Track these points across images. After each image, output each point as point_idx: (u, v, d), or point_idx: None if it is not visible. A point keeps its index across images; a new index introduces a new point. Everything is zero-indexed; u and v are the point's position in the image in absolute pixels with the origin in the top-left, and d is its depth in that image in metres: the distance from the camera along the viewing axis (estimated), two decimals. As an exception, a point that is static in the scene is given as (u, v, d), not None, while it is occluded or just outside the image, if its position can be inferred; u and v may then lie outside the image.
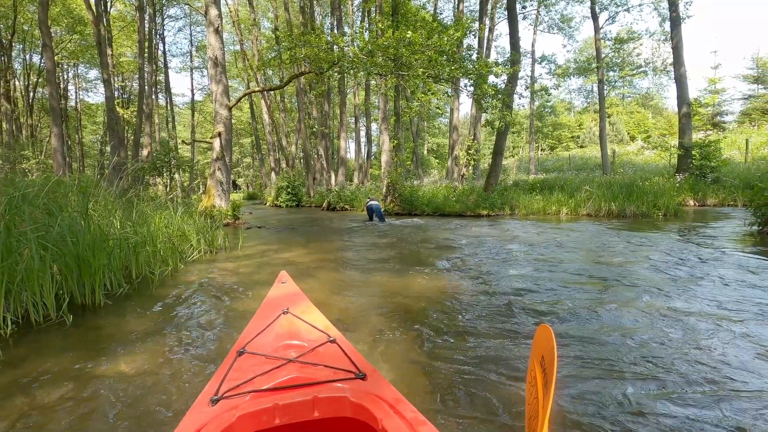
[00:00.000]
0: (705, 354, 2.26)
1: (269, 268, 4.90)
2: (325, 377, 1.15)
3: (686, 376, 2.01)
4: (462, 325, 2.81)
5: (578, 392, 1.89)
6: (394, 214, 12.99)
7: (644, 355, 2.26)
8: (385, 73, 8.89)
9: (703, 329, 2.62)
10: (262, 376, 1.15)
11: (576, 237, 7.03)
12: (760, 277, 3.91)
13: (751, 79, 33.51)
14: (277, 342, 1.37)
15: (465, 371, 2.14)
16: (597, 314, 2.96)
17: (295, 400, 1.06)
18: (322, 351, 1.32)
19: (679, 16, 15.05)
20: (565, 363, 2.19)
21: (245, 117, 38.00)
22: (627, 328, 2.69)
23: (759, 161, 16.21)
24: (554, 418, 1.69)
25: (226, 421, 0.97)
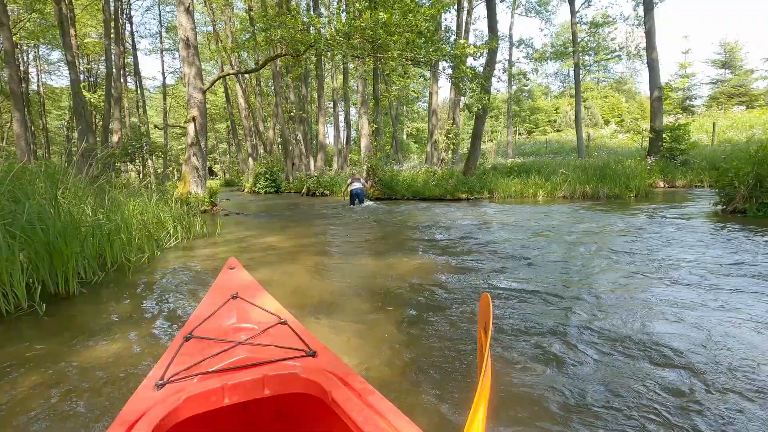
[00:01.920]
0: (655, 309, 2.40)
1: (249, 254, 4.87)
2: (276, 356, 1.16)
3: (647, 327, 2.14)
4: (439, 305, 2.88)
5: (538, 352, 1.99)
6: (374, 199, 13.00)
7: (614, 307, 2.38)
8: (363, 55, 8.77)
9: (665, 292, 2.77)
10: (210, 359, 1.14)
11: (552, 218, 7.21)
12: (720, 251, 4.12)
13: (719, 64, 34.57)
14: (227, 326, 1.37)
15: (440, 348, 2.20)
16: (571, 284, 3.08)
17: (245, 379, 1.06)
18: (273, 332, 1.32)
19: (651, 1, 15.30)
20: (536, 328, 2.28)
21: (220, 101, 36.94)
22: (601, 292, 2.81)
23: (725, 144, 16.85)
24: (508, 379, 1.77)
25: (172, 404, 0.95)
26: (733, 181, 6.90)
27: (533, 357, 2.05)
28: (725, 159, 9.03)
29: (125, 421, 0.91)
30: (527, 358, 2.04)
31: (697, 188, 12.41)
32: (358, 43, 8.27)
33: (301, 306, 2.93)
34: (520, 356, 2.07)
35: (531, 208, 9.08)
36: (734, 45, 33.73)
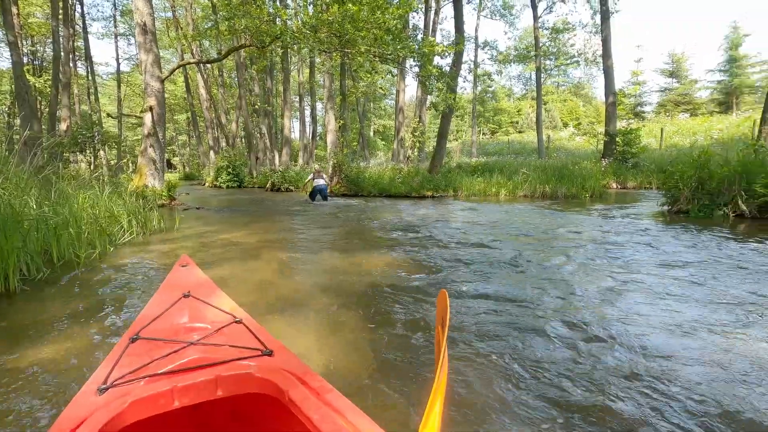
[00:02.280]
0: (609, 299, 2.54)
1: (209, 250, 4.71)
2: (230, 356, 1.12)
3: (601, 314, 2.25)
4: (403, 302, 2.90)
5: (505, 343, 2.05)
6: (340, 195, 12.92)
7: (567, 296, 2.49)
8: (330, 50, 8.67)
9: (613, 284, 2.93)
10: (159, 361, 1.09)
11: (514, 216, 7.44)
12: (665, 247, 4.40)
13: (667, 74, 36.80)
14: (177, 326, 1.31)
15: (403, 345, 2.23)
16: (529, 280, 3.19)
17: (197, 380, 1.02)
18: (228, 332, 1.28)
19: (608, 10, 16.07)
20: (494, 321, 2.35)
21: (180, 91, 35.39)
22: (556, 287, 2.93)
23: (671, 148, 17.99)
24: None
25: (115, 409, 0.90)
26: (677, 184, 7.38)
27: (488, 352, 2.11)
28: (671, 163, 9.63)
29: (63, 429, 0.84)
30: (482, 353, 2.09)
31: (646, 190, 13.18)
32: (326, 37, 8.16)
33: (263, 304, 2.87)
34: (476, 351, 2.12)
35: (494, 206, 9.33)
36: (681, 56, 36.01)
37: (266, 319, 2.55)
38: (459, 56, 12.90)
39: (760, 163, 6.74)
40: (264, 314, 2.64)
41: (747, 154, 7.25)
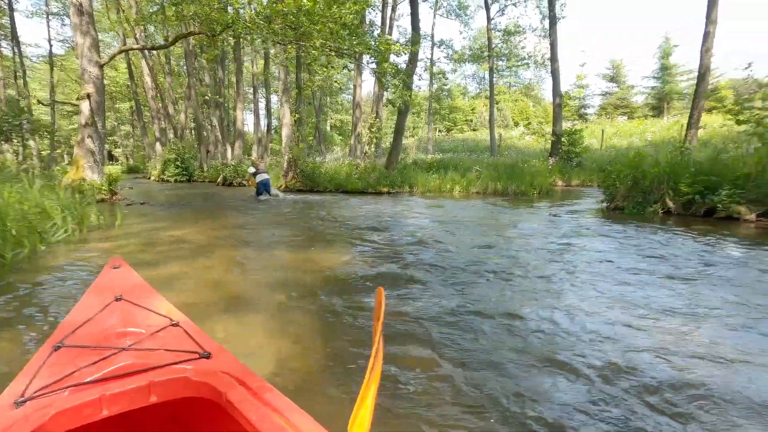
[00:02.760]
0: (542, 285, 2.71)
1: (155, 248, 4.49)
2: (165, 361, 1.08)
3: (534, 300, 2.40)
4: (355, 300, 2.93)
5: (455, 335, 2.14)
6: (295, 191, 12.71)
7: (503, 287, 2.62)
8: (285, 42, 8.46)
9: (550, 272, 3.12)
10: (85, 369, 1.03)
11: (466, 212, 7.67)
12: (600, 240, 4.73)
13: (608, 78, 39.23)
14: (108, 332, 1.24)
15: (354, 343, 2.25)
16: (476, 270, 3.32)
17: (127, 387, 0.98)
18: (163, 335, 1.24)
19: (555, 16, 16.84)
20: (445, 314, 2.44)
21: (122, 78, 33.07)
22: (503, 277, 3.07)
23: (610, 149, 19.23)
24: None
25: (35, 422, 0.84)
26: (615, 183, 7.92)
27: (426, 344, 2.18)
28: (610, 163, 10.31)
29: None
30: (421, 345, 2.16)
31: (588, 187, 14.01)
32: (280, 28, 7.95)
33: (211, 303, 2.79)
34: (415, 343, 2.19)
35: (448, 203, 9.56)
36: (620, 63, 38.50)
37: (214, 320, 2.48)
38: (415, 54, 13.04)
39: (685, 165, 7.38)
40: (212, 314, 2.56)
41: (674, 156, 7.92)
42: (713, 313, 2.55)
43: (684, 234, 5.16)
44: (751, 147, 6.92)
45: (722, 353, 2.03)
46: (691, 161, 7.56)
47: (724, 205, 6.22)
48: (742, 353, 2.04)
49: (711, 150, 7.94)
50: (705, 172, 6.86)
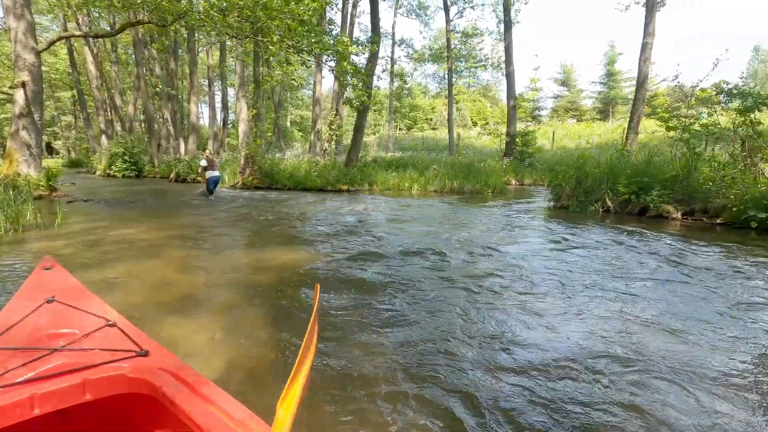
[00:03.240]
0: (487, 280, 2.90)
1: (99, 248, 4.30)
2: (100, 360, 1.09)
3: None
4: (309, 298, 2.98)
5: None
6: (253, 188, 12.46)
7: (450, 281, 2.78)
8: (241, 36, 8.27)
9: (497, 263, 3.33)
10: (15, 370, 1.03)
11: (422, 211, 7.87)
12: (544, 233, 5.04)
13: (559, 82, 41.17)
14: (39, 333, 1.23)
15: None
16: (429, 266, 3.46)
17: (60, 386, 0.99)
18: (99, 336, 1.24)
19: (510, 21, 17.47)
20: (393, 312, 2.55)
21: (63, 65, 30.80)
22: (448, 270, 3.23)
23: (560, 150, 20.26)
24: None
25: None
26: (561, 183, 8.40)
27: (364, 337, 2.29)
28: (558, 163, 10.90)
29: None
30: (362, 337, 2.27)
31: (539, 186, 14.70)
32: (236, 22, 7.77)
33: (159, 304, 2.74)
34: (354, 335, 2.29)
35: (406, 201, 9.74)
36: (570, 68, 40.49)
37: (159, 321, 2.46)
38: (374, 54, 13.11)
39: (623, 167, 7.96)
40: (157, 315, 2.53)
41: (614, 158, 8.51)
42: (624, 295, 2.84)
43: (615, 230, 5.59)
44: (678, 152, 7.56)
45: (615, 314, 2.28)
46: (628, 164, 8.16)
47: (655, 205, 6.78)
48: (634, 316, 2.29)
49: (646, 153, 8.59)
50: (639, 173, 7.43)
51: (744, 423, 1.57)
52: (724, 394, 1.76)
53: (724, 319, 2.55)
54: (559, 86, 41.34)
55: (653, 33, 12.75)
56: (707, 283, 3.26)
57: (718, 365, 2.00)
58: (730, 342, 2.25)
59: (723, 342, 2.25)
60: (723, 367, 1.98)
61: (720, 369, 1.96)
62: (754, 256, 4.12)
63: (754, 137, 6.26)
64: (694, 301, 2.87)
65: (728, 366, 1.99)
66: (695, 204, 6.55)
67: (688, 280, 3.35)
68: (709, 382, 1.85)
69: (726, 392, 1.77)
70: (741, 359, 2.06)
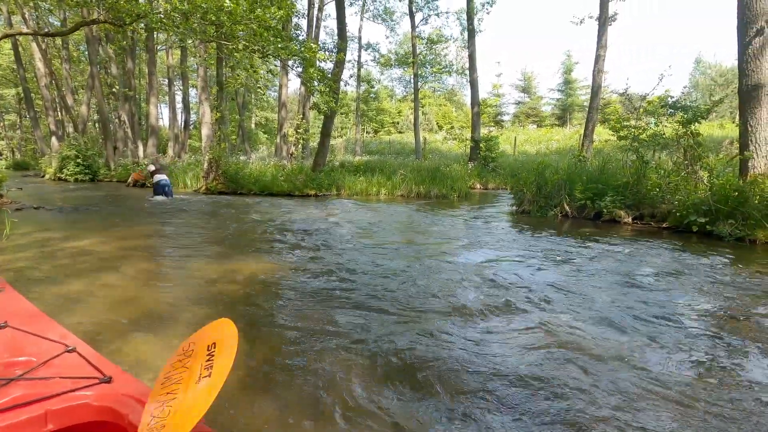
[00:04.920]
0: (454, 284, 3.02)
1: (54, 261, 4.11)
2: (62, 389, 1.05)
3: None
4: (280, 311, 3.00)
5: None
6: (217, 193, 12.16)
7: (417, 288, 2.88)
8: (205, 39, 8.09)
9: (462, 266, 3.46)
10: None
11: (389, 217, 7.98)
12: (506, 237, 5.27)
13: (520, 89, 42.69)
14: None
15: (277, 357, 2.34)
16: (403, 275, 3.55)
17: (20, 418, 0.94)
18: (58, 363, 1.18)
19: (474, 29, 17.98)
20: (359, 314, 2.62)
21: (6, 60, 28.86)
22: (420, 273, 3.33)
23: (522, 155, 21.01)
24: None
25: None
26: (522, 188, 8.75)
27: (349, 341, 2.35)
28: (519, 169, 11.32)
29: None
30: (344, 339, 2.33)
31: (502, 191, 15.19)
32: (198, 26, 7.59)
33: (119, 324, 2.66)
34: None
35: (373, 206, 9.82)
36: (531, 75, 42.07)
37: (122, 341, 2.40)
38: (341, 61, 13.14)
39: (580, 173, 8.40)
40: (120, 335, 2.47)
41: (571, 164, 8.95)
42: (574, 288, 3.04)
43: (572, 235, 5.91)
44: (629, 159, 8.07)
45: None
46: (584, 170, 8.61)
47: (608, 210, 7.21)
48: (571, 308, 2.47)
49: (599, 161, 9.10)
50: (594, 180, 7.87)
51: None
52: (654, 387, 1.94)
53: (658, 317, 2.78)
54: (520, 93, 42.88)
55: (605, 45, 13.50)
56: (649, 282, 3.53)
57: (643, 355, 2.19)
58: (659, 335, 2.47)
59: (655, 334, 2.46)
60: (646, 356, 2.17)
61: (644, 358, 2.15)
62: (694, 258, 4.49)
63: (694, 147, 6.78)
64: (638, 301, 3.11)
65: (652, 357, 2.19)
66: (644, 209, 7.02)
67: (639, 281, 3.61)
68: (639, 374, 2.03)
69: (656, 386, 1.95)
70: (661, 350, 2.27)
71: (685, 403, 1.83)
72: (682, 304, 3.14)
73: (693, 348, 2.39)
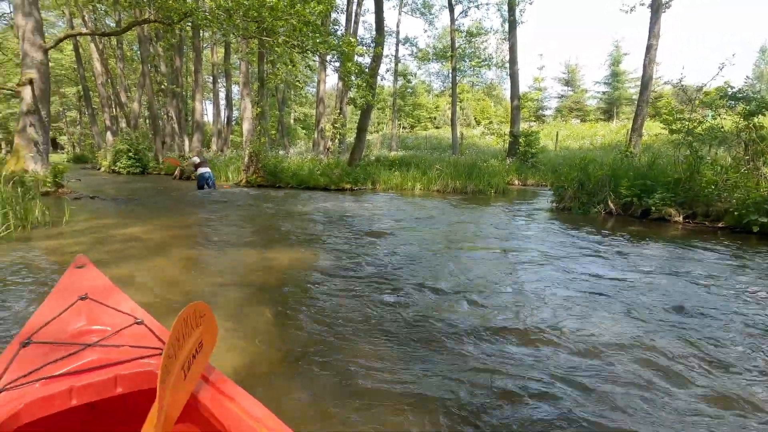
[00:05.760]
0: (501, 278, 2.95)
1: (106, 246, 4.38)
2: (130, 356, 1.16)
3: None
4: (315, 300, 3.04)
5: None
6: (257, 186, 12.53)
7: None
8: (247, 36, 8.31)
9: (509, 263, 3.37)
10: (54, 364, 1.09)
11: (425, 209, 7.91)
12: (548, 234, 5.08)
13: (563, 82, 41.05)
14: (74, 329, 1.30)
15: (313, 342, 2.37)
16: (444, 272, 3.52)
17: (95, 380, 1.05)
18: (128, 333, 1.30)
19: (515, 20, 17.44)
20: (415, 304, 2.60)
21: (68, 61, 30.99)
22: (468, 269, 3.28)
23: (564, 150, 20.24)
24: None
25: (8, 411, 0.91)
26: (563, 184, 8.42)
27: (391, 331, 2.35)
28: (561, 165, 10.91)
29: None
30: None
31: (542, 187, 14.70)
32: (241, 22, 7.81)
33: (167, 303, 2.81)
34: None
35: (409, 200, 9.78)
36: (574, 67, 40.36)
37: (169, 320, 2.51)
38: (379, 56, 13.13)
39: (626, 169, 7.97)
40: (168, 314, 2.59)
41: (617, 160, 8.52)
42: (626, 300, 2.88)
43: (618, 233, 5.62)
44: (681, 154, 7.57)
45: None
46: (631, 166, 8.17)
47: (657, 208, 6.81)
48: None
49: (648, 156, 8.60)
50: (642, 176, 7.45)
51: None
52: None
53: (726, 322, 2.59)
54: (563, 86, 41.26)
55: (658, 35, 12.72)
56: (709, 287, 3.30)
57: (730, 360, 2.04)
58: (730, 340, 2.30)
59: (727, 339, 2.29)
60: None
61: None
62: (756, 262, 4.15)
63: (757, 141, 6.27)
64: (702, 306, 2.91)
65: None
66: (697, 207, 6.57)
67: (701, 284, 3.38)
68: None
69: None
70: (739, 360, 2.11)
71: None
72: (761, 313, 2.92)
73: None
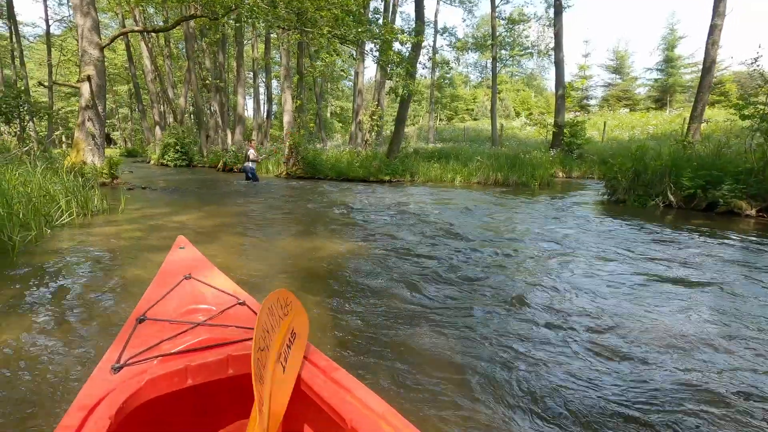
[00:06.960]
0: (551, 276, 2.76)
1: (160, 233, 4.51)
2: (239, 337, 1.15)
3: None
4: (365, 286, 2.97)
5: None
6: (296, 178, 12.70)
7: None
8: (289, 27, 8.36)
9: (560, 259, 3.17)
10: (168, 341, 1.11)
11: (469, 202, 7.69)
12: (603, 230, 4.77)
13: (611, 69, 38.94)
14: (182, 307, 1.32)
15: (362, 328, 2.30)
16: (488, 262, 3.36)
17: (208, 360, 1.05)
18: (232, 313, 1.30)
19: (561, 5, 16.62)
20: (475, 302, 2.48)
21: (120, 60, 32.71)
22: (515, 264, 3.12)
23: (612, 141, 19.19)
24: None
25: (133, 387, 0.94)
26: (616, 175, 7.94)
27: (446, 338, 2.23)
28: (612, 155, 10.31)
29: (84, 406, 0.87)
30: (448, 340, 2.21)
31: (589, 179, 14.02)
32: (285, 13, 7.85)
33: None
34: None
35: (450, 192, 9.58)
36: (624, 53, 38.16)
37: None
38: (419, 43, 12.90)
39: (688, 158, 7.40)
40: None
41: (677, 150, 7.93)
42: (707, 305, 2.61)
43: (685, 228, 5.21)
44: (753, 142, 6.92)
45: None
46: (693, 155, 7.58)
47: (726, 200, 6.26)
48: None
49: (713, 144, 7.94)
50: (707, 166, 6.88)
51: None
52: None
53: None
54: (610, 73, 39.13)
55: (723, 13, 11.68)
56: (797, 287, 2.95)
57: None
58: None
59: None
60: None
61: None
62: None
63: None
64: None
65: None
66: (773, 200, 6.00)
67: (773, 283, 3.05)
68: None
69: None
70: None
71: None
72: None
73: None
